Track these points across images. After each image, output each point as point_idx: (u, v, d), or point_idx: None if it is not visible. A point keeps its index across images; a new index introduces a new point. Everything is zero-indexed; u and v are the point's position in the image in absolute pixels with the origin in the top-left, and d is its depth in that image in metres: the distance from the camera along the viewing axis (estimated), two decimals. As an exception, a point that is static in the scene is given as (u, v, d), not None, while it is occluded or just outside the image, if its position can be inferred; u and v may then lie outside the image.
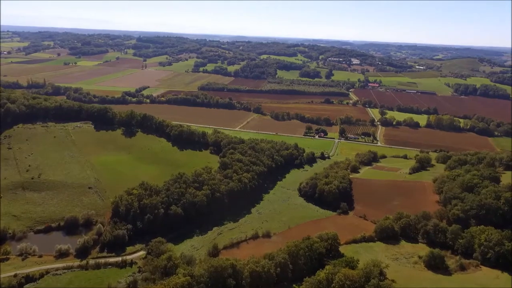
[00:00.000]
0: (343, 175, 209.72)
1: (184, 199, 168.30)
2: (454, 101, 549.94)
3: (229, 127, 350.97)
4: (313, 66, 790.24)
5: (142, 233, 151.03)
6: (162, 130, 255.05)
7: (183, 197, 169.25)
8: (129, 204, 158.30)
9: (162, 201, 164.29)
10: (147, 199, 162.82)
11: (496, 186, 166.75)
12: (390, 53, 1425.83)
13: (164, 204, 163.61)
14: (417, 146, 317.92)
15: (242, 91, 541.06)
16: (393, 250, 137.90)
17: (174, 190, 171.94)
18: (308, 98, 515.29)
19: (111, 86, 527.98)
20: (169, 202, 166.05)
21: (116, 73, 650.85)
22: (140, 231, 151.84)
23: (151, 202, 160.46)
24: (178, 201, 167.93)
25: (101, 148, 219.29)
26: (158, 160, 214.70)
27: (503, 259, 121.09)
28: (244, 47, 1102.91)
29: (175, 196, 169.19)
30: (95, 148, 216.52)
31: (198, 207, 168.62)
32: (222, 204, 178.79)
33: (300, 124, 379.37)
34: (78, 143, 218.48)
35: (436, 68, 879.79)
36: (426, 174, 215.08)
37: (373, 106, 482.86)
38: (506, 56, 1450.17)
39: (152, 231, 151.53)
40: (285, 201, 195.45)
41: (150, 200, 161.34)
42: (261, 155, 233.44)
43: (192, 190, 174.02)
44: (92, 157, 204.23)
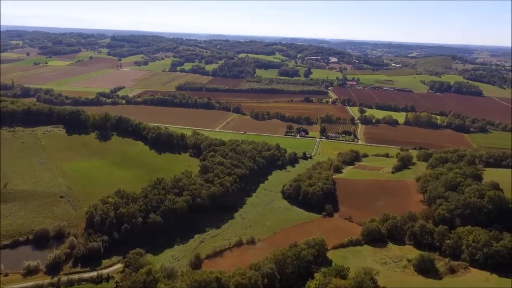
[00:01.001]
0: (327, 175, 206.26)
1: (164, 206, 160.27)
2: (430, 98, 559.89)
3: (208, 128, 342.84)
4: (291, 65, 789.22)
5: (119, 244, 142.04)
6: (139, 132, 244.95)
7: (162, 204, 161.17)
8: (105, 214, 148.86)
9: (140, 209, 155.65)
10: (124, 207, 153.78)
11: (479, 184, 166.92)
12: (366, 51, 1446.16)
13: (142, 212, 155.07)
14: (397, 144, 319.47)
15: (220, 90, 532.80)
16: (381, 254, 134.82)
17: (152, 197, 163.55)
18: (287, 97, 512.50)
19: (84, 86, 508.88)
20: (148, 209, 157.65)
21: (90, 73, 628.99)
22: (117, 242, 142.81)
23: (128, 210, 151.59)
24: (157, 208, 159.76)
25: (73, 153, 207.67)
26: (135, 165, 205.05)
27: (491, 260, 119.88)
28: (222, 46, 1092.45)
29: (153, 203, 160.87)
30: (67, 154, 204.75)
31: (178, 214, 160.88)
32: (203, 210, 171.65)
33: (281, 124, 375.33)
34: (49, 149, 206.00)
35: (411, 66, 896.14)
36: (409, 173, 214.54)
37: (352, 104, 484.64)
38: (476, 53, 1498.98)
39: (130, 241, 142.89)
40: (268, 204, 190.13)
41: (127, 209, 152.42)
42: (243, 157, 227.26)
43: (171, 196, 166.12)
44: (64, 164, 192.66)
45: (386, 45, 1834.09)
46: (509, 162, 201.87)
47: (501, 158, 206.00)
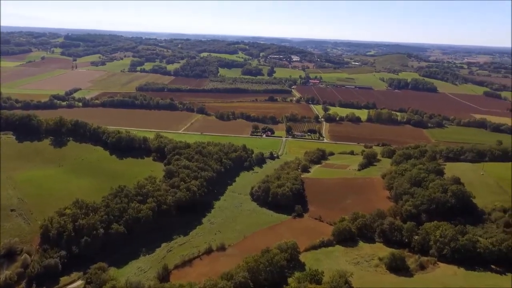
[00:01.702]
0: (295, 175, 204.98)
1: (127, 215, 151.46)
2: (389, 95, 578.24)
3: (172, 129, 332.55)
4: (254, 64, 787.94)
5: (79, 259, 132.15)
6: (98, 137, 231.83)
7: (126, 213, 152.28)
8: (62, 227, 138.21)
9: (101, 219, 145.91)
10: (83, 218, 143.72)
11: (442, 179, 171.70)
12: (327, 49, 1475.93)
13: (103, 223, 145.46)
14: (361, 141, 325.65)
15: (183, 90, 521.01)
16: (353, 254, 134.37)
17: (114, 206, 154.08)
18: (252, 96, 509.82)
19: (36, 89, 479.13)
20: (110, 220, 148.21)
21: (42, 74, 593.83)
22: (77, 257, 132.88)
23: (88, 222, 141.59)
24: (119, 218, 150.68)
25: (25, 162, 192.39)
26: (95, 172, 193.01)
27: (458, 254, 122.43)
28: (183, 45, 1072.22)
29: (116, 213, 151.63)
30: (17, 163, 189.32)
31: (143, 222, 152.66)
32: (170, 217, 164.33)
33: (246, 124, 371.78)
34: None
35: (370, 64, 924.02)
36: (374, 170, 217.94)
37: (316, 102, 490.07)
38: (429, 51, 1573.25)
39: (91, 255, 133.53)
40: (237, 207, 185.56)
41: (87, 220, 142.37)
42: (209, 159, 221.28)
43: (135, 204, 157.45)
44: (14, 174, 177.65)
45: (345, 43, 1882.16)
46: (467, 156, 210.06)
47: (459, 153, 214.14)
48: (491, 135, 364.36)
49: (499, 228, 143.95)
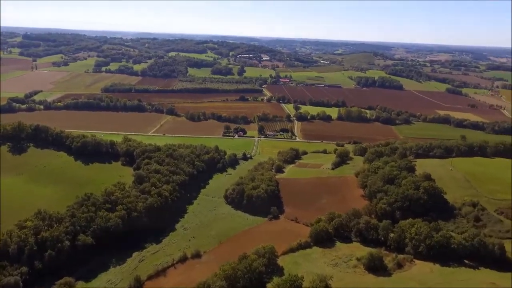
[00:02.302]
0: (269, 176, 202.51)
1: (95, 225, 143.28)
2: (357, 93, 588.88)
3: (141, 132, 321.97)
4: (224, 63, 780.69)
5: (42, 275, 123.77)
6: (61, 142, 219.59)
7: (93, 223, 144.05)
8: (22, 241, 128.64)
9: (66, 231, 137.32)
10: (47, 231, 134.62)
11: (413, 176, 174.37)
12: (295, 48, 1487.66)
13: (69, 234, 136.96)
14: (332, 139, 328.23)
15: (152, 91, 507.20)
16: (331, 255, 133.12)
17: (81, 216, 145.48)
18: (222, 96, 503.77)
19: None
20: (76, 230, 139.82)
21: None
22: (40, 272, 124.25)
23: (52, 234, 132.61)
24: (87, 228, 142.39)
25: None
26: (58, 180, 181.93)
27: (433, 250, 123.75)
28: (150, 45, 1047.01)
29: (82, 223, 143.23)
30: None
31: (112, 232, 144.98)
32: (141, 224, 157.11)
33: (218, 124, 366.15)
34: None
35: (338, 63, 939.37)
36: (348, 168, 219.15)
37: (287, 101, 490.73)
38: (393, 50, 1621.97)
39: (56, 270, 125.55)
40: (211, 211, 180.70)
41: (51, 232, 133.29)
42: (181, 162, 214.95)
43: (103, 213, 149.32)
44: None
45: (313, 42, 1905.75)
46: (435, 152, 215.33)
47: (428, 149, 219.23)
48: (455, 130, 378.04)
49: (469, 223, 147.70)
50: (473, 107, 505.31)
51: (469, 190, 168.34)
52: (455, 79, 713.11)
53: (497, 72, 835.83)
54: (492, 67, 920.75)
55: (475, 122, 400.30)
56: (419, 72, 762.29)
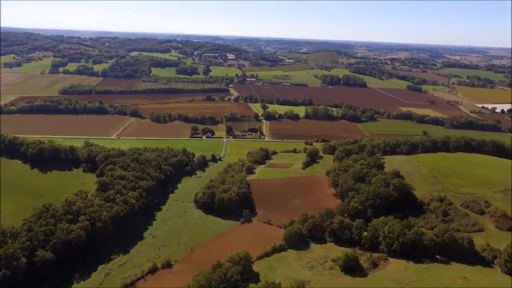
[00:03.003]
0: (240, 178, 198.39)
1: (55, 239, 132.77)
2: (323, 91, 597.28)
3: (103, 136, 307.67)
4: (189, 62, 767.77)
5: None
6: (15, 149, 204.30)
7: (53, 236, 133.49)
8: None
9: (22, 247, 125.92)
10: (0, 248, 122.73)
11: (383, 174, 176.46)
12: (261, 47, 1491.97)
13: (26, 250, 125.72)
14: (301, 138, 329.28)
15: (114, 92, 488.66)
16: (306, 257, 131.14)
17: (39, 229, 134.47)
18: (188, 96, 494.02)
19: None
20: (34, 246, 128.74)
21: None
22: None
23: (6, 251, 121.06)
24: (46, 242, 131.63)
25: None
26: (13, 191, 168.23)
27: (406, 248, 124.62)
28: (111, 44, 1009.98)
29: (41, 237, 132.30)
30: None
31: (75, 245, 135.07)
32: (106, 235, 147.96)
33: (185, 125, 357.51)
34: None
35: (304, 61, 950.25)
36: (318, 167, 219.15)
37: (254, 100, 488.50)
38: (355, 48, 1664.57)
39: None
40: (181, 217, 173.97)
41: (5, 249, 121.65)
42: (147, 166, 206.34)
43: (64, 225, 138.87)
44: None
45: (278, 41, 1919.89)
46: (402, 148, 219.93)
47: (395, 146, 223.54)
48: (417, 126, 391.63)
49: (438, 218, 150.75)
50: (432, 103, 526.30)
51: (436, 185, 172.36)
52: (415, 76, 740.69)
53: (452, 70, 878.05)
54: (448, 65, 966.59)
55: (435, 118, 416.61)
56: (381, 70, 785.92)
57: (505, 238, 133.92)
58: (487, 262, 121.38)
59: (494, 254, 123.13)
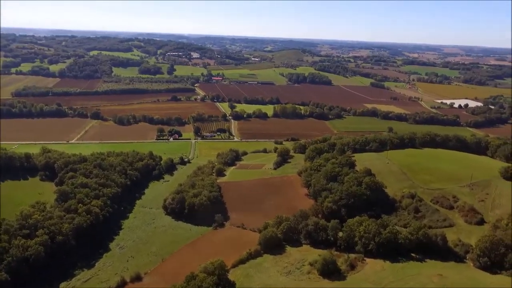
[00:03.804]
0: (211, 181, 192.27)
1: (9, 257, 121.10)
2: (290, 89, 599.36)
3: (62, 140, 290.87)
4: (152, 62, 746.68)
5: None
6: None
7: (7, 255, 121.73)
8: None
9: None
10: None
11: (355, 172, 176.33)
12: (225, 46, 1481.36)
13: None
14: (270, 137, 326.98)
15: (73, 94, 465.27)
16: (283, 262, 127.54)
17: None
18: (153, 96, 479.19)
19: None
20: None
21: None
22: None
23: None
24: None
25: None
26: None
27: (382, 247, 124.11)
28: (68, 43, 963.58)
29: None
30: None
31: (33, 262, 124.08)
32: (68, 249, 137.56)
33: (150, 127, 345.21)
34: None
35: (269, 60, 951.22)
36: (290, 167, 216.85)
37: (221, 100, 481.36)
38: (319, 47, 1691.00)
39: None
40: (150, 225, 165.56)
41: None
42: (111, 172, 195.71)
43: (20, 241, 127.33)
44: None
45: (243, 40, 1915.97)
46: (371, 146, 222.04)
47: (364, 143, 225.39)
48: (382, 122, 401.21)
49: (410, 215, 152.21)
50: (395, 100, 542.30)
51: (406, 182, 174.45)
52: (377, 74, 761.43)
53: (412, 67, 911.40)
54: (407, 62, 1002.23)
55: (399, 114, 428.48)
56: (345, 68, 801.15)
57: (474, 232, 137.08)
58: (459, 258, 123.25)
59: (466, 249, 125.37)
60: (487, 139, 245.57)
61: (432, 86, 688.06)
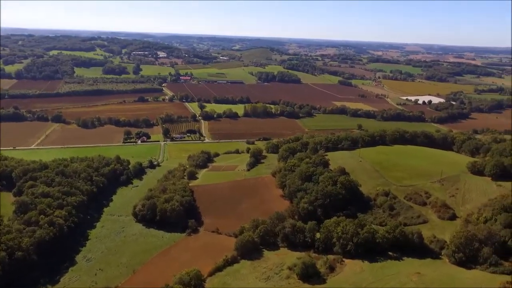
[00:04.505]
0: (183, 185, 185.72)
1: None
2: (260, 88, 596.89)
3: (21, 146, 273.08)
4: (117, 62, 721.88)
5: None
6: None
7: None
8: None
9: None
10: None
11: (329, 172, 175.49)
12: (193, 45, 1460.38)
13: None
14: (242, 137, 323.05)
15: (31, 96, 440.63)
16: (261, 267, 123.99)
17: None
18: (119, 97, 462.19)
19: None
20: None
21: None
22: None
23: None
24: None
25: None
26: None
27: (360, 248, 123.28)
28: (25, 42, 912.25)
29: None
30: None
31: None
32: (30, 265, 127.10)
33: (117, 130, 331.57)
34: None
35: (238, 58, 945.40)
36: (263, 168, 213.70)
37: (190, 100, 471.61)
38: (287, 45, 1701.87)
39: None
40: (119, 234, 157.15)
41: None
42: (76, 180, 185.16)
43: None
44: None
45: (210, 38, 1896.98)
46: (343, 144, 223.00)
47: (337, 142, 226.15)
48: (351, 119, 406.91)
49: (385, 212, 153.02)
50: (362, 97, 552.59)
51: (379, 180, 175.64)
52: (345, 72, 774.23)
53: (377, 64, 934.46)
54: (372, 60, 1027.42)
55: (367, 111, 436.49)
56: (313, 66, 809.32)
57: (448, 228, 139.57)
58: (435, 254, 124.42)
59: (441, 245, 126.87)
60: (453, 134, 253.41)
61: (397, 83, 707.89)
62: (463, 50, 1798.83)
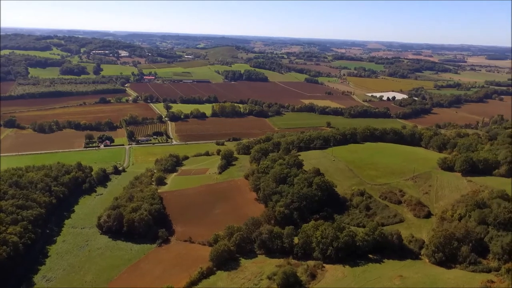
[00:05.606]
0: (151, 192, 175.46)
1: None
2: (227, 87, 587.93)
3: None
4: (75, 61, 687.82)
5: None
6: None
7: None
8: None
9: None
10: None
11: (304, 173, 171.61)
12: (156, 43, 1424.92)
13: None
14: (211, 138, 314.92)
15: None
16: (238, 278, 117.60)
17: None
18: (78, 99, 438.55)
19: None
20: None
21: None
22: None
23: None
24: None
25: None
26: None
27: (341, 252, 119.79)
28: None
29: None
30: None
31: None
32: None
33: (77, 134, 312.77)
34: None
35: (203, 57, 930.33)
36: (235, 170, 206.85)
37: (155, 100, 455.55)
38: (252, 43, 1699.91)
39: None
40: (83, 248, 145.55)
41: None
42: (32, 191, 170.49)
43: None
44: None
45: (174, 36, 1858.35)
46: (315, 144, 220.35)
47: (309, 141, 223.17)
48: (320, 117, 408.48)
49: (361, 213, 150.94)
50: (329, 94, 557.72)
51: (353, 179, 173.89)
52: (310, 69, 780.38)
53: (341, 62, 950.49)
54: (337, 57, 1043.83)
55: (335, 109, 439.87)
56: (279, 64, 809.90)
57: (424, 226, 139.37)
58: (415, 255, 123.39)
59: (420, 244, 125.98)
60: (420, 130, 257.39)
61: (362, 80, 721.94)
62: (421, 48, 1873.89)
